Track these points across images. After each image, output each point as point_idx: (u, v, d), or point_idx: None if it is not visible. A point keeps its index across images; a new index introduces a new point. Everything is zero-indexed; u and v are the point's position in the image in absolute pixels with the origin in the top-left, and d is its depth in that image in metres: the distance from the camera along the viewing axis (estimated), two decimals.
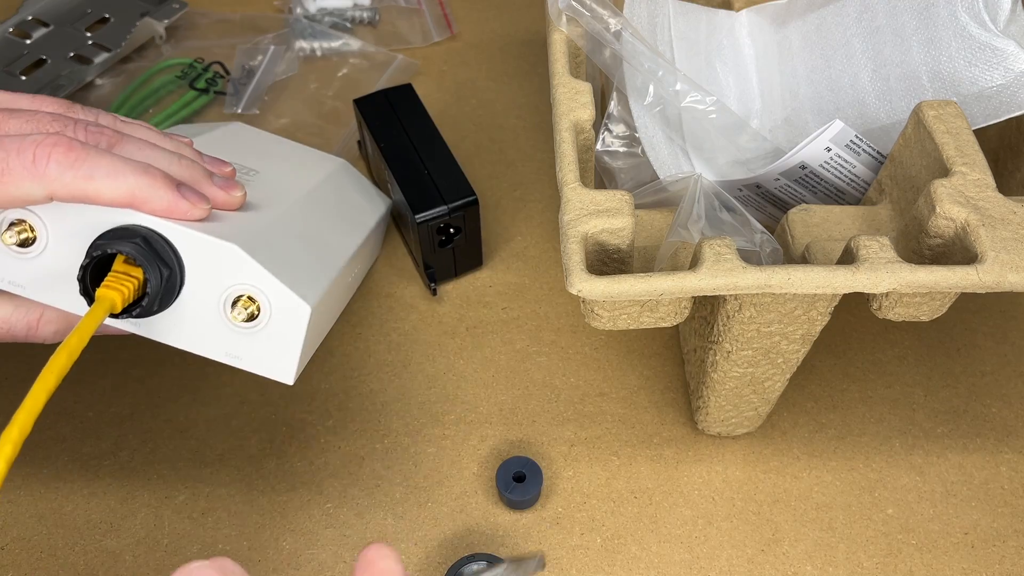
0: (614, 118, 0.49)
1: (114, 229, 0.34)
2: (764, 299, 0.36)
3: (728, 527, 0.45)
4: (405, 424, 0.49)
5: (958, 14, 0.46)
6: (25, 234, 0.35)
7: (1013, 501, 0.46)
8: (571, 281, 0.34)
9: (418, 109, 0.54)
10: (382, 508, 0.45)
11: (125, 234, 0.34)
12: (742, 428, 0.47)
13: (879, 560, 0.44)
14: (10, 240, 0.35)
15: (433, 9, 0.72)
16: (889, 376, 0.50)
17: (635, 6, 0.51)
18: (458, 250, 0.52)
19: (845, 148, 0.42)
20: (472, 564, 0.42)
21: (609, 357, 0.51)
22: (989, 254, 0.34)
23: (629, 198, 0.37)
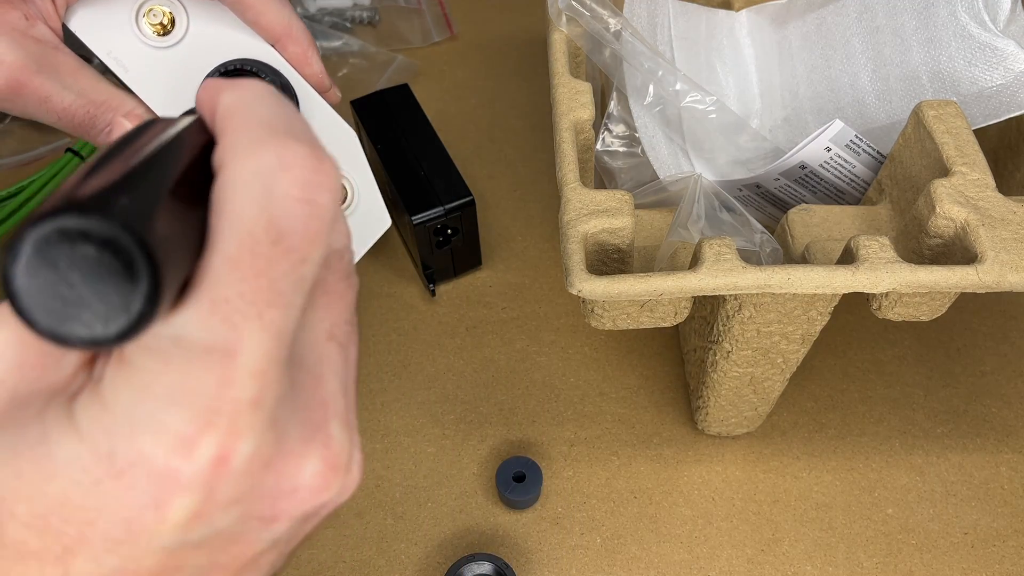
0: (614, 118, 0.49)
1: (254, 60, 0.33)
2: (764, 299, 0.36)
3: (728, 527, 0.45)
4: (405, 424, 0.49)
5: (958, 14, 0.46)
6: (163, 19, 0.33)
7: (1013, 501, 0.46)
8: (571, 281, 0.34)
9: (415, 110, 0.54)
10: (382, 508, 0.45)
11: (262, 68, 0.33)
12: (742, 428, 0.47)
13: (879, 560, 0.44)
14: (147, 21, 0.33)
15: (433, 9, 0.72)
16: (889, 376, 0.50)
17: (635, 6, 0.51)
18: (456, 251, 0.52)
19: (845, 148, 0.42)
20: (472, 564, 0.42)
21: (609, 357, 0.51)
22: (989, 254, 0.34)
23: (629, 198, 0.37)
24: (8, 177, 0.59)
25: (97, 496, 0.16)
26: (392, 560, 0.44)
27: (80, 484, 0.16)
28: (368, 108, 0.54)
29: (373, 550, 0.44)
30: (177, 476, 0.16)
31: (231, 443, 0.16)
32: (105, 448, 0.16)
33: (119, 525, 0.16)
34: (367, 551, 0.44)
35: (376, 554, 0.44)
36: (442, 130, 0.57)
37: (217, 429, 0.16)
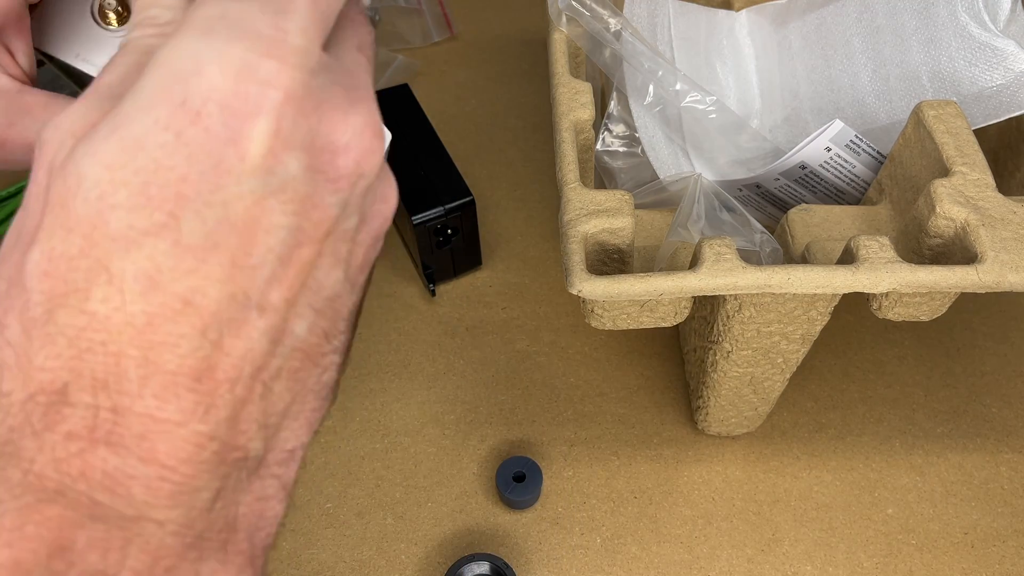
0: (614, 118, 0.49)
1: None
2: (764, 299, 0.36)
3: (728, 527, 0.45)
4: (405, 424, 0.49)
5: (958, 14, 0.46)
6: (116, 5, 0.33)
7: (1013, 501, 0.46)
8: (571, 281, 0.34)
9: (415, 110, 0.54)
10: (382, 508, 0.45)
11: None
12: (742, 428, 0.47)
13: (879, 560, 0.44)
14: (107, 11, 0.33)
15: (433, 9, 0.72)
16: (889, 376, 0.50)
17: (635, 6, 0.51)
18: (456, 250, 0.52)
19: (845, 148, 0.42)
20: (472, 564, 0.42)
21: (609, 357, 0.51)
22: (989, 254, 0.34)
23: (629, 198, 0.37)
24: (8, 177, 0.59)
25: (183, 149, 0.17)
26: (392, 560, 0.44)
27: (165, 144, 0.17)
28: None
29: (373, 550, 0.44)
30: (245, 101, 0.18)
31: (286, 72, 0.18)
32: (179, 96, 0.18)
33: (209, 172, 0.18)
34: (367, 551, 0.44)
35: (376, 554, 0.44)
36: (442, 130, 0.57)
37: (274, 58, 0.18)
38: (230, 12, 0.18)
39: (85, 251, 0.17)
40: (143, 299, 0.17)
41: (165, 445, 0.18)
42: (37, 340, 0.18)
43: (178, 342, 0.18)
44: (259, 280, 0.19)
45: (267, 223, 0.18)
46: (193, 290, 0.18)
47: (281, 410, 0.20)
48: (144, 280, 0.17)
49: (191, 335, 0.18)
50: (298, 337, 0.20)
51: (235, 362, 0.19)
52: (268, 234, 0.18)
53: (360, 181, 0.20)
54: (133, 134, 0.18)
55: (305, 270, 0.19)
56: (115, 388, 0.18)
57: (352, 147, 0.20)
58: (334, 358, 0.21)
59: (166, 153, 0.17)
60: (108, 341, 0.18)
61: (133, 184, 0.17)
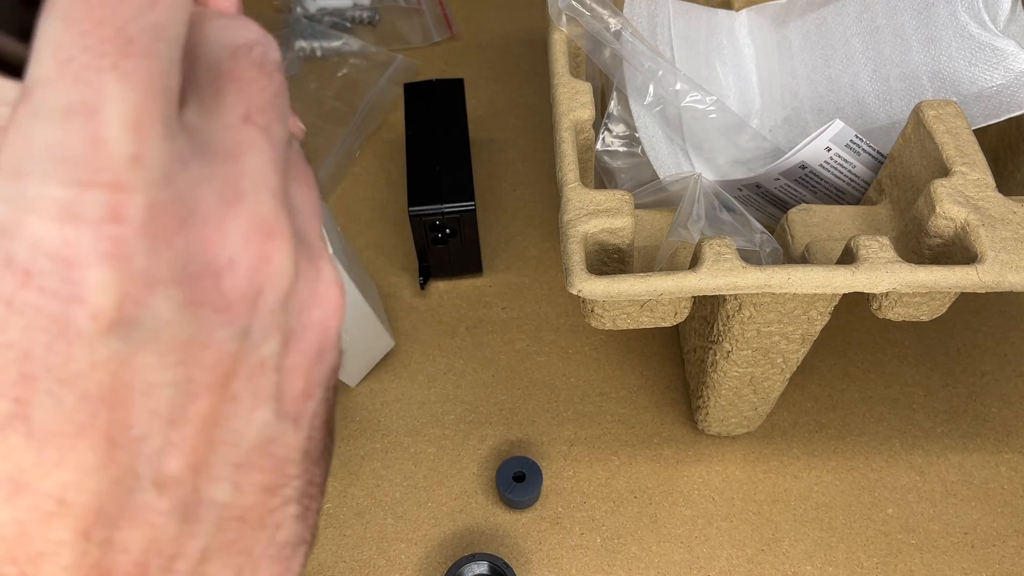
0: (614, 118, 0.49)
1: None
2: (764, 299, 0.36)
3: (728, 527, 0.45)
4: (405, 424, 0.49)
5: (958, 14, 0.46)
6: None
7: (1013, 501, 0.46)
8: (571, 281, 0.34)
9: (458, 107, 0.55)
10: (382, 508, 0.45)
11: None
12: (742, 428, 0.47)
13: (879, 560, 0.44)
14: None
15: (433, 9, 0.72)
16: (889, 376, 0.50)
17: (635, 6, 0.51)
18: (455, 253, 0.53)
19: (845, 148, 0.42)
20: (472, 564, 0.42)
21: (609, 357, 0.51)
22: (989, 254, 0.34)
23: (629, 198, 0.37)
24: None
25: (18, 319, 0.14)
26: (392, 560, 0.44)
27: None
28: (417, 93, 0.55)
29: (373, 550, 0.44)
30: (77, 247, 0.14)
31: (118, 198, 0.14)
32: (1, 256, 0.14)
33: (55, 342, 0.14)
34: (367, 551, 0.44)
35: (376, 554, 0.44)
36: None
37: (97, 186, 0.14)
38: (37, 135, 0.14)
39: None
40: (9, 506, 0.15)
41: None
42: None
43: (59, 550, 0.15)
44: (148, 454, 0.15)
45: (143, 385, 0.15)
46: (65, 486, 0.15)
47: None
48: (6, 483, 0.14)
49: (72, 540, 0.15)
50: (223, 504, 0.17)
51: (137, 558, 0.15)
52: (148, 397, 0.15)
53: (261, 299, 0.16)
54: None
55: (209, 425, 0.16)
56: None
57: (239, 262, 0.16)
58: (289, 510, 0.18)
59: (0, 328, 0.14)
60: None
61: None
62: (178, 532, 0.16)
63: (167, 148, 0.15)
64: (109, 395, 0.15)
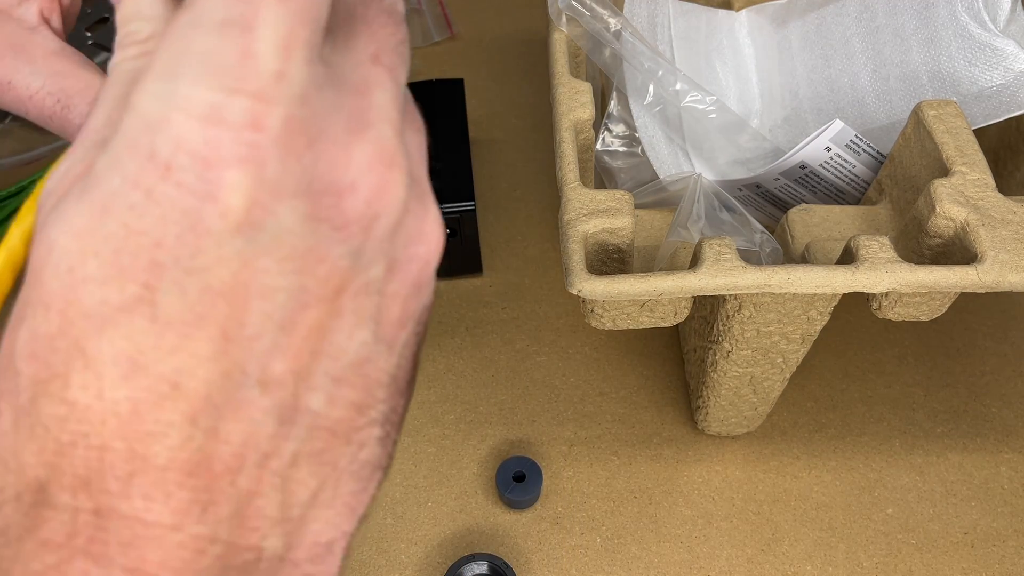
0: (614, 118, 0.49)
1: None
2: (763, 299, 0.36)
3: (728, 527, 0.45)
4: (405, 424, 0.49)
5: (958, 14, 0.46)
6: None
7: (1013, 501, 0.46)
8: (571, 281, 0.34)
9: (458, 107, 0.54)
10: (382, 508, 0.45)
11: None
12: (742, 428, 0.47)
13: (879, 560, 0.44)
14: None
15: (433, 9, 0.72)
16: (889, 376, 0.50)
17: (635, 6, 0.51)
18: (454, 253, 0.52)
19: (845, 148, 0.42)
20: (472, 564, 0.42)
21: (609, 357, 0.51)
22: (989, 254, 0.34)
23: (629, 198, 0.37)
24: (8, 177, 0.59)
25: (155, 209, 0.15)
26: (392, 560, 0.44)
27: (135, 205, 0.15)
28: (416, 93, 0.55)
29: (373, 550, 0.44)
30: (217, 148, 0.15)
31: (259, 108, 0.15)
32: (146, 148, 0.15)
33: (186, 235, 0.15)
34: (367, 551, 0.44)
35: (376, 554, 0.44)
36: None
37: (242, 94, 0.15)
38: (194, 42, 0.16)
39: (63, 330, 0.16)
40: (125, 384, 0.15)
41: (156, 553, 0.16)
42: (23, 431, 0.16)
43: (167, 431, 0.16)
44: (257, 353, 0.16)
45: (261, 286, 0.16)
46: (179, 371, 0.16)
47: (306, 499, 0.18)
48: (124, 363, 0.15)
49: (180, 423, 0.16)
50: (316, 413, 0.17)
51: (236, 450, 0.16)
52: (264, 299, 0.16)
53: (376, 224, 0.17)
54: (102, 195, 0.15)
55: (315, 335, 0.17)
56: (99, 487, 0.16)
57: (360, 185, 0.17)
58: (373, 432, 0.19)
59: (136, 216, 0.15)
60: (91, 433, 0.16)
61: (103, 253, 0.15)
62: (274, 432, 0.17)
63: (308, 71, 0.16)
64: (229, 291, 0.16)
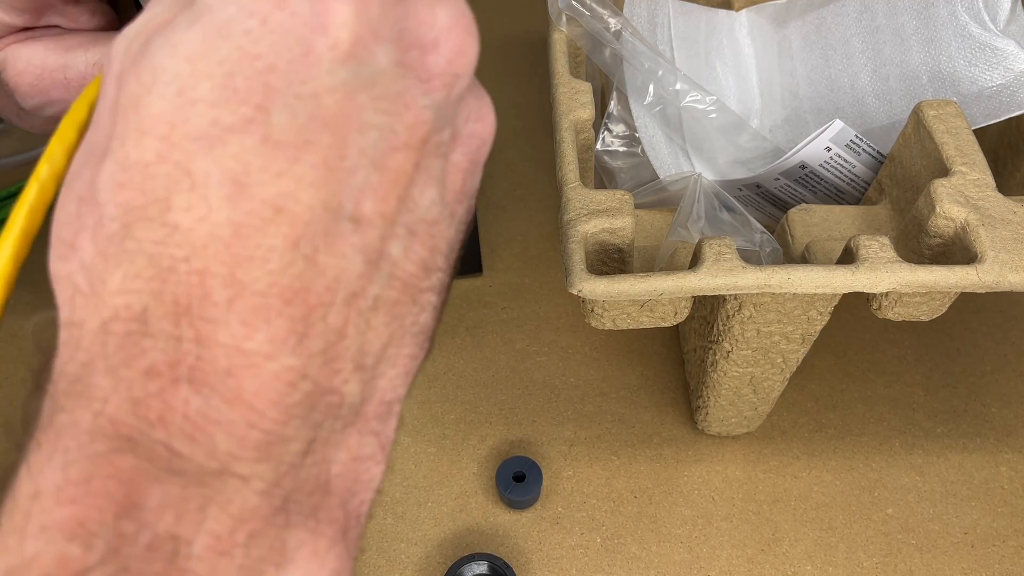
0: (614, 118, 0.49)
1: None
2: (763, 299, 0.36)
3: (728, 527, 0.45)
4: (405, 424, 0.49)
5: (958, 14, 0.46)
6: None
7: (1013, 501, 0.46)
8: (571, 281, 0.34)
9: None
10: (382, 508, 0.45)
11: None
12: (742, 428, 0.47)
13: (879, 560, 0.44)
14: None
15: None
16: (889, 376, 0.50)
17: (635, 6, 0.51)
18: None
19: (845, 148, 0.42)
20: (472, 564, 0.42)
21: (609, 357, 0.51)
22: (989, 254, 0.34)
23: (629, 198, 0.37)
24: (8, 177, 0.59)
25: (270, 36, 0.16)
26: (392, 560, 0.44)
27: (251, 31, 0.16)
28: None
29: (373, 550, 0.44)
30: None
31: None
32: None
33: (298, 61, 0.16)
34: (367, 551, 0.44)
35: (376, 554, 0.44)
36: None
37: None
38: None
39: (163, 155, 0.16)
40: (229, 206, 0.16)
41: (253, 383, 0.16)
42: (113, 260, 0.16)
43: (268, 256, 0.16)
44: (353, 187, 0.17)
45: (359, 121, 0.17)
46: (284, 195, 0.16)
47: (378, 350, 0.18)
48: (230, 184, 0.16)
49: (282, 248, 0.16)
50: (394, 262, 0.18)
51: (329, 283, 0.17)
52: (361, 134, 0.17)
53: (455, 84, 0.19)
54: (216, 21, 0.16)
55: (401, 181, 0.18)
56: (199, 314, 0.16)
57: (442, 44, 0.18)
58: (432, 297, 0.19)
59: (252, 40, 0.16)
60: (191, 257, 0.16)
61: (216, 76, 0.16)
62: (362, 272, 0.17)
63: None
64: (333, 120, 0.16)
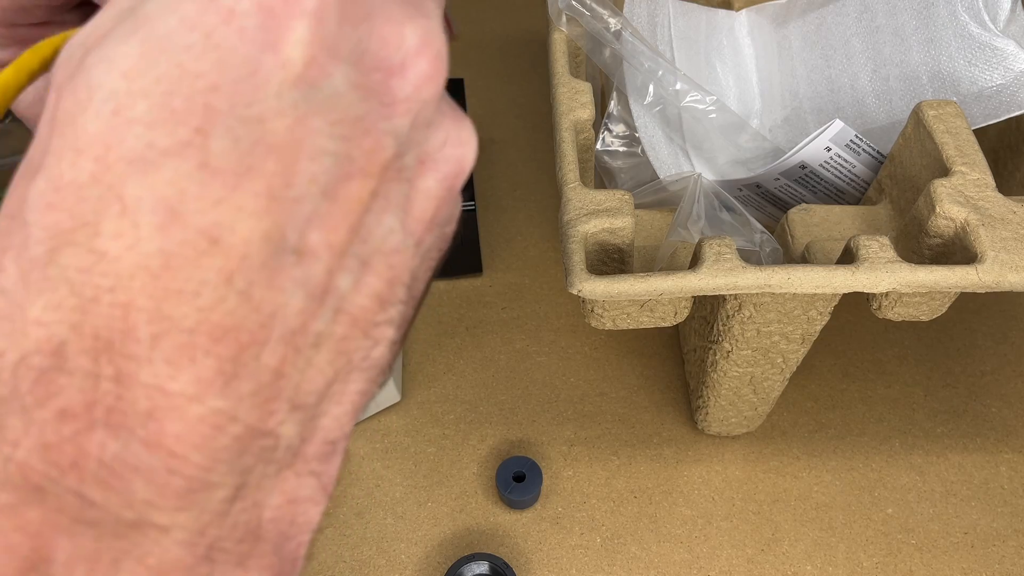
0: (614, 118, 0.49)
1: None
2: (763, 299, 0.36)
3: (728, 527, 0.45)
4: (405, 424, 0.49)
5: (958, 14, 0.46)
6: None
7: (1013, 501, 0.46)
8: (571, 281, 0.34)
9: (459, 104, 0.54)
10: (382, 508, 0.45)
11: None
12: (742, 428, 0.47)
13: (879, 560, 0.44)
14: None
15: None
16: (889, 376, 0.50)
17: (635, 6, 0.51)
18: (454, 253, 0.52)
19: (845, 148, 0.42)
20: (472, 564, 0.42)
21: (609, 357, 0.51)
22: (989, 254, 0.34)
23: (629, 198, 0.37)
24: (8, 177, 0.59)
25: (212, 52, 0.15)
26: (392, 560, 0.44)
27: (192, 46, 0.15)
28: None
29: (373, 550, 0.44)
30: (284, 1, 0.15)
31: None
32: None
33: (244, 81, 0.15)
34: (367, 551, 0.44)
35: (376, 554, 0.44)
36: None
37: None
38: None
39: (97, 176, 0.15)
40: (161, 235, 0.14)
41: (175, 426, 0.15)
42: (35, 286, 0.15)
43: (199, 290, 0.15)
44: (299, 217, 0.15)
45: (311, 147, 0.15)
46: (221, 225, 0.15)
47: (321, 388, 0.17)
48: (163, 211, 0.14)
49: (215, 282, 0.15)
50: (343, 296, 0.17)
51: (264, 320, 0.15)
52: (312, 161, 0.15)
53: (421, 110, 0.17)
54: (155, 35, 0.15)
55: (354, 209, 0.16)
56: (120, 350, 0.15)
57: (408, 68, 0.17)
58: (388, 331, 0.18)
59: (193, 56, 0.15)
60: (117, 288, 0.14)
61: (154, 95, 0.14)
62: (303, 308, 0.16)
63: None
64: (280, 146, 0.15)
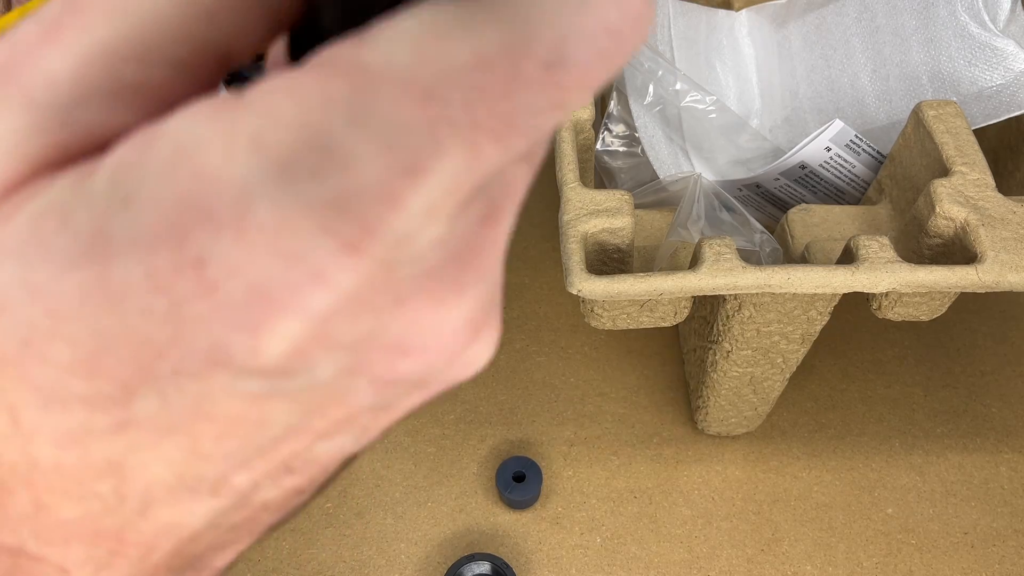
0: (614, 118, 0.49)
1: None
2: (763, 299, 0.36)
3: (728, 527, 0.45)
4: (405, 424, 0.49)
5: (958, 14, 0.46)
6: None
7: (1013, 501, 0.46)
8: (571, 281, 0.34)
9: None
10: (382, 508, 0.45)
11: None
12: (742, 428, 0.47)
13: (879, 560, 0.44)
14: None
15: None
16: (889, 376, 0.50)
17: None
18: None
19: (845, 148, 0.42)
20: (472, 564, 0.42)
21: (609, 357, 0.51)
22: (989, 254, 0.34)
23: (629, 198, 0.37)
24: None
25: (173, 325, 0.12)
26: (392, 560, 0.44)
27: (150, 312, 0.12)
28: None
29: (373, 550, 0.44)
30: (284, 287, 0.12)
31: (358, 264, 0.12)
32: (194, 251, 0.11)
33: (196, 356, 0.12)
34: (367, 551, 0.44)
35: (376, 554, 0.44)
36: None
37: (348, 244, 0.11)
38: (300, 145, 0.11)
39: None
40: (58, 450, 0.13)
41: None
42: None
43: (88, 498, 0.13)
44: (223, 468, 0.14)
45: (259, 420, 0.13)
46: (127, 462, 0.13)
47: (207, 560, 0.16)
48: (64, 438, 0.13)
49: (108, 496, 0.13)
50: (254, 506, 0.15)
51: (157, 530, 0.14)
52: (256, 430, 0.13)
53: (425, 385, 0.14)
54: (111, 284, 0.12)
55: (292, 457, 0.14)
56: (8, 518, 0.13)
57: (431, 350, 0.14)
58: (298, 501, 0.16)
59: (146, 323, 0.12)
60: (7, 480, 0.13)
61: (83, 346, 0.12)
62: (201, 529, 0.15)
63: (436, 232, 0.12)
64: (220, 419, 0.13)
